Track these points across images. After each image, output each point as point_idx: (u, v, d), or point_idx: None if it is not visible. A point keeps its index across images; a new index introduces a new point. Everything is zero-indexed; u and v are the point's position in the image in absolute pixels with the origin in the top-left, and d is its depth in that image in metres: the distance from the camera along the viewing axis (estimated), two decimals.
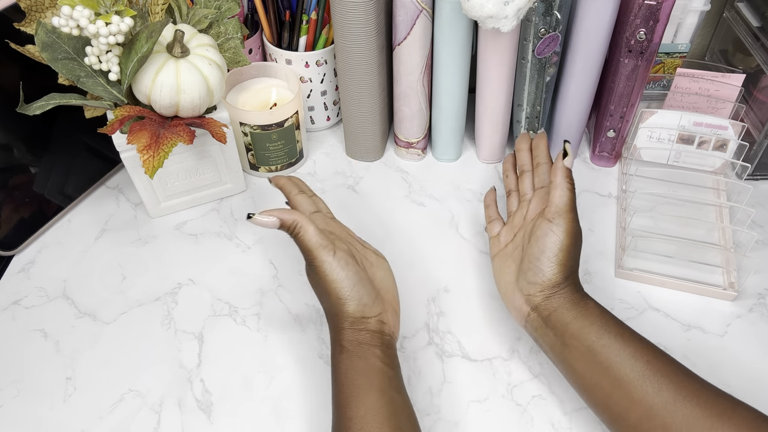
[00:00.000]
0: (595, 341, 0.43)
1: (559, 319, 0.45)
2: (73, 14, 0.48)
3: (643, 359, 0.41)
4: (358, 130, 0.69)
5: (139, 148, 0.51)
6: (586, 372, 0.43)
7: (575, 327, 0.44)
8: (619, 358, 0.42)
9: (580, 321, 0.45)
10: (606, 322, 0.44)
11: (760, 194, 0.66)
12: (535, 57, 0.60)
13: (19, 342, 0.54)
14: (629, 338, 0.43)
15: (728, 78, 0.66)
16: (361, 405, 0.41)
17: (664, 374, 0.41)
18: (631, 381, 0.41)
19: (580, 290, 0.47)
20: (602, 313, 0.45)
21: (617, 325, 0.44)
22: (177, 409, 0.50)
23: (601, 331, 0.44)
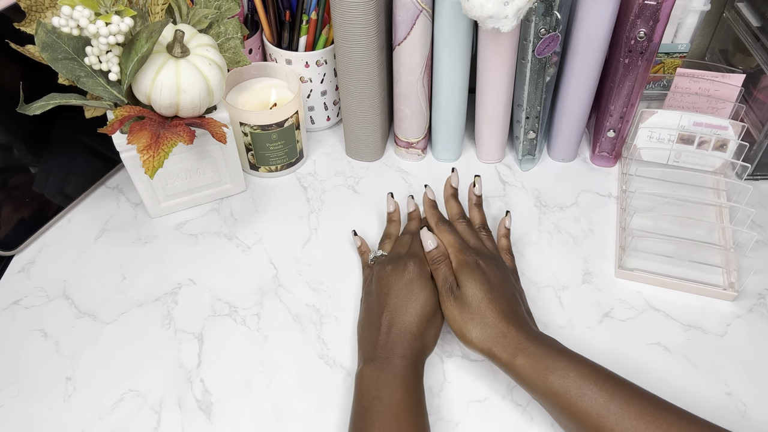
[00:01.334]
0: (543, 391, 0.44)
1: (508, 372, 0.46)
2: (73, 14, 0.48)
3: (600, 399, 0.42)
4: (358, 130, 0.69)
5: (139, 148, 0.51)
6: (552, 412, 0.45)
7: (521, 382, 0.45)
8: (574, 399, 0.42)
9: (521, 378, 0.45)
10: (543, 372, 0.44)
11: (760, 194, 0.66)
12: (535, 57, 0.60)
13: (19, 342, 0.54)
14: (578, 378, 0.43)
15: (728, 78, 0.66)
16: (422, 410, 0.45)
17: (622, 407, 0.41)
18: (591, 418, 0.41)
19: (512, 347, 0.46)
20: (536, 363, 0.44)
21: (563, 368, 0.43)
22: (177, 409, 0.50)
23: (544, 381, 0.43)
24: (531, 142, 0.68)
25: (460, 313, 0.48)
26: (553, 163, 0.71)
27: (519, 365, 0.45)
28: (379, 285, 0.51)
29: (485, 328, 0.47)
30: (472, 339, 0.47)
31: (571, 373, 0.43)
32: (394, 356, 0.46)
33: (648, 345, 0.53)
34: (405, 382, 0.45)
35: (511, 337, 0.46)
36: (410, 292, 0.49)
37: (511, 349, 0.45)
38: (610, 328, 0.55)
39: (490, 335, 0.46)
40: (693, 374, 0.51)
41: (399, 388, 0.44)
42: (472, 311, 0.47)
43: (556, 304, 0.57)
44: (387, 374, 0.45)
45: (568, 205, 0.66)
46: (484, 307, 0.47)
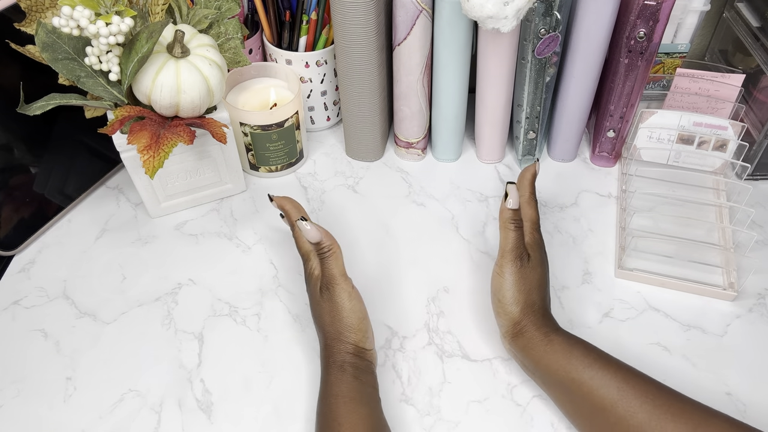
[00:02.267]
0: (565, 375, 0.45)
1: (529, 357, 0.48)
2: (73, 14, 0.48)
3: (613, 385, 0.43)
4: (358, 130, 0.69)
5: (139, 148, 0.51)
6: (566, 402, 0.46)
7: (544, 364, 0.47)
8: (590, 388, 0.44)
9: (547, 358, 0.46)
10: (572, 354, 0.46)
11: (760, 194, 0.66)
12: (535, 57, 0.60)
13: (19, 342, 0.54)
14: (597, 367, 0.44)
15: (728, 78, 0.66)
16: (354, 413, 0.44)
17: (636, 395, 0.42)
18: (605, 407, 0.43)
19: (545, 325, 0.48)
20: (569, 346, 0.46)
21: (584, 355, 0.45)
22: (177, 409, 0.50)
23: (569, 365, 0.45)
24: (531, 142, 0.68)
25: (520, 282, 0.49)
26: (553, 163, 0.71)
27: (547, 341, 0.47)
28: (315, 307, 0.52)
29: (531, 305, 0.49)
30: (514, 309, 0.48)
31: (593, 353, 0.45)
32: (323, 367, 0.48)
33: (648, 345, 0.53)
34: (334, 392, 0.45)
35: (548, 319, 0.49)
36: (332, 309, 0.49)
37: (545, 328, 0.48)
38: (610, 328, 0.55)
39: (532, 312, 0.48)
40: (693, 374, 0.51)
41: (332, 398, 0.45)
42: (530, 287, 0.49)
43: (556, 304, 0.57)
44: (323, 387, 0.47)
45: (568, 205, 0.66)
46: (538, 286, 0.49)
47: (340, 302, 0.48)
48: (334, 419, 0.43)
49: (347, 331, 0.47)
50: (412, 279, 0.59)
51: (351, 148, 0.72)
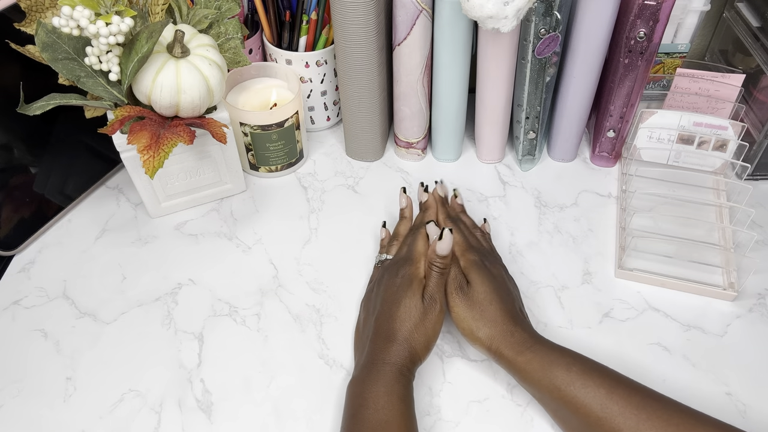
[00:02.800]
0: (549, 392, 0.45)
1: (514, 376, 0.47)
2: (73, 14, 0.48)
3: (597, 401, 0.42)
4: (358, 130, 0.69)
5: (139, 148, 0.51)
6: (555, 416, 0.46)
7: (527, 382, 0.46)
8: (576, 403, 0.43)
9: (528, 376, 0.46)
10: (551, 370, 0.45)
11: (760, 194, 0.66)
12: (535, 57, 0.60)
13: (19, 342, 0.54)
14: (580, 382, 0.43)
15: (728, 78, 0.66)
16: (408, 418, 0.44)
17: (621, 410, 0.42)
18: (591, 423, 0.42)
19: (517, 344, 0.47)
20: (547, 362, 0.45)
21: (566, 370, 0.44)
22: (177, 409, 0.50)
23: (551, 383, 0.44)
24: (531, 142, 0.68)
25: (469, 311, 0.49)
26: (553, 163, 0.71)
27: (524, 361, 0.46)
28: (377, 291, 0.52)
29: (494, 327, 0.48)
30: (480, 337, 0.48)
31: (573, 367, 0.44)
32: (378, 363, 0.46)
33: (648, 345, 0.53)
34: (388, 389, 0.45)
35: (518, 336, 0.47)
36: (396, 299, 0.49)
37: (518, 347, 0.46)
38: (610, 328, 0.55)
39: (498, 333, 0.47)
40: (693, 374, 0.51)
41: (383, 394, 0.44)
42: (483, 310, 0.48)
43: (556, 304, 0.57)
44: (372, 381, 0.45)
45: (568, 205, 0.66)
46: (494, 306, 0.48)
47: (439, 319, 0.48)
48: (390, 415, 0.43)
49: (425, 345, 0.48)
50: None
51: (351, 148, 0.72)
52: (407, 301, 0.49)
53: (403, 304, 0.48)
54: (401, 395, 0.44)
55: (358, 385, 0.46)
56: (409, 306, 0.48)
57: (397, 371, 0.46)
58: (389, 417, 0.43)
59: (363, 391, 0.45)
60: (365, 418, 0.43)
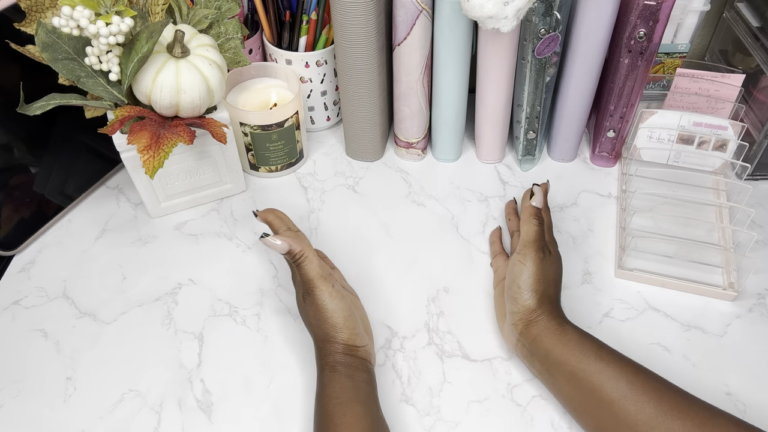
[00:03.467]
0: (576, 366, 0.45)
1: (541, 347, 0.48)
2: (73, 14, 0.48)
3: (623, 379, 0.43)
4: (358, 130, 0.69)
5: (139, 148, 0.51)
6: (573, 395, 0.46)
7: (556, 354, 0.47)
8: (600, 380, 0.44)
9: (560, 347, 0.47)
10: (584, 346, 0.46)
11: (760, 194, 0.66)
12: (535, 57, 0.60)
13: (19, 342, 0.54)
14: (608, 360, 0.45)
15: (728, 78, 0.66)
16: (348, 413, 0.44)
17: (644, 391, 0.43)
18: (613, 401, 0.43)
19: (558, 317, 0.49)
20: (581, 337, 0.47)
21: (596, 348, 0.46)
22: (177, 409, 0.50)
23: (581, 356, 0.45)
24: (531, 142, 0.68)
25: (540, 270, 0.50)
26: (553, 163, 0.71)
27: (567, 331, 0.47)
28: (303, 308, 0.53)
29: (547, 294, 0.50)
30: (535, 291, 0.49)
31: (605, 355, 0.45)
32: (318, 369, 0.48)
33: (648, 345, 0.53)
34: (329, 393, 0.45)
35: (561, 311, 0.50)
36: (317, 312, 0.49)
37: (560, 318, 0.49)
38: (610, 328, 0.55)
39: (549, 300, 0.50)
40: (693, 374, 0.51)
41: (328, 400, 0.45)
42: (548, 276, 0.50)
43: None
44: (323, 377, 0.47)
45: (568, 205, 0.66)
46: (555, 280, 0.51)
47: (321, 304, 0.48)
48: (330, 420, 0.43)
49: (334, 331, 0.48)
50: (412, 279, 0.59)
51: (351, 148, 0.72)
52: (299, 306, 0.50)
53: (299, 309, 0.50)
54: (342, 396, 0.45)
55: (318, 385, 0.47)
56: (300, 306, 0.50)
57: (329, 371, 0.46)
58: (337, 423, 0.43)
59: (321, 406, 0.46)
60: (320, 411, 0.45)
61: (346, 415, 0.43)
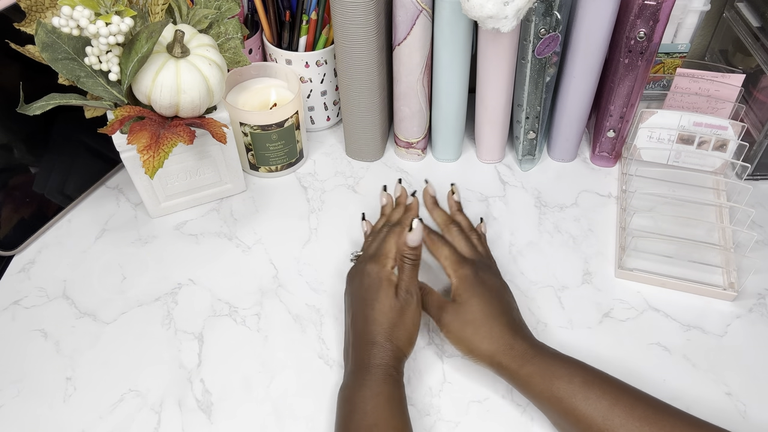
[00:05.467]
0: (552, 404, 0.44)
1: (515, 387, 0.47)
2: (73, 14, 0.48)
3: (599, 413, 0.42)
4: (358, 130, 0.69)
5: (139, 148, 0.51)
6: (560, 427, 0.45)
7: (530, 394, 0.46)
8: (578, 415, 0.42)
9: (529, 388, 0.45)
10: (552, 383, 0.44)
11: (760, 194, 0.66)
12: (535, 57, 0.60)
13: (19, 342, 0.54)
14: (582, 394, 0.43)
15: (728, 78, 0.66)
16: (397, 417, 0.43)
17: (626, 410, 0.41)
18: (595, 422, 0.42)
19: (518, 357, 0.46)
20: (548, 373, 0.45)
21: (568, 381, 0.44)
22: (177, 409, 0.50)
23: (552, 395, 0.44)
24: (531, 142, 0.68)
25: (463, 330, 0.48)
26: (553, 163, 0.71)
27: (526, 374, 0.45)
28: (347, 290, 0.52)
29: (492, 342, 0.47)
30: (480, 353, 0.47)
31: (576, 378, 0.44)
32: (363, 368, 0.46)
33: (648, 345, 0.53)
34: (375, 391, 0.44)
35: (518, 348, 0.46)
36: (367, 300, 0.48)
37: (519, 360, 0.46)
38: (610, 328, 0.55)
39: (498, 348, 0.47)
40: (693, 374, 0.51)
41: (369, 398, 0.44)
42: (477, 327, 0.48)
43: (556, 304, 0.57)
44: (358, 386, 0.45)
45: (568, 205, 0.66)
46: (491, 321, 0.47)
47: (417, 311, 0.48)
48: (377, 418, 0.42)
49: (408, 340, 0.47)
50: None
51: (351, 148, 0.72)
52: (381, 301, 0.48)
53: (377, 306, 0.48)
54: (389, 396, 0.44)
55: (346, 391, 0.46)
56: (383, 306, 0.48)
57: (383, 372, 0.45)
58: (377, 420, 0.43)
59: (351, 397, 0.45)
60: (354, 423, 0.43)
61: (395, 418, 0.43)
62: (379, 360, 0.46)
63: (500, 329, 0.47)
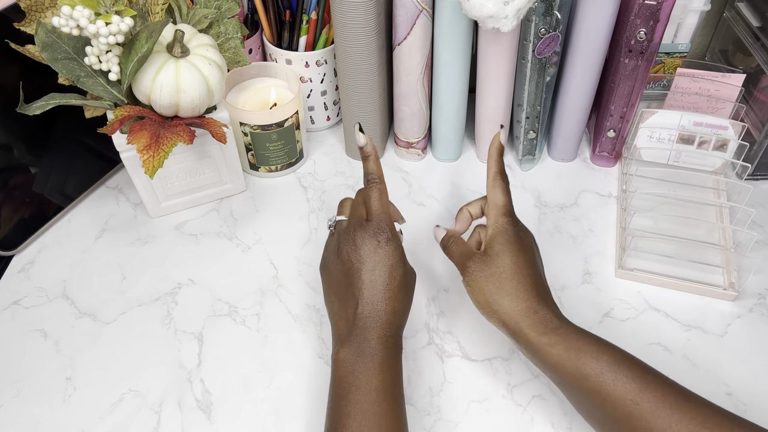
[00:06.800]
0: (576, 381, 0.41)
1: (533, 360, 0.44)
2: (73, 14, 0.48)
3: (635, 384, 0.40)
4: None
5: (139, 148, 0.51)
6: (583, 408, 0.43)
7: (550, 367, 0.42)
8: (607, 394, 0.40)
9: (551, 361, 0.42)
10: (579, 357, 0.41)
11: (760, 194, 0.66)
12: (535, 57, 0.60)
13: (19, 342, 0.54)
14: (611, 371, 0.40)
15: (728, 78, 0.66)
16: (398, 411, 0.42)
17: (657, 396, 0.39)
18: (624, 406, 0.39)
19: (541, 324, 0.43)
20: (574, 347, 0.42)
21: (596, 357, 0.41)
22: (177, 409, 0.50)
23: (577, 370, 0.41)
24: (531, 142, 0.68)
25: (489, 281, 0.44)
26: (553, 163, 0.71)
27: (548, 343, 0.42)
28: (347, 257, 0.45)
29: (516, 302, 0.43)
30: (500, 310, 0.44)
31: (605, 356, 0.41)
32: (371, 337, 0.43)
33: (648, 345, 0.53)
34: (383, 365, 0.42)
35: (543, 314, 0.43)
36: (384, 264, 0.44)
37: (542, 327, 0.42)
38: (610, 328, 0.55)
39: (520, 309, 0.43)
40: (693, 374, 0.51)
41: (377, 372, 0.41)
42: (503, 280, 0.44)
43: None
44: (364, 358, 0.42)
45: (568, 205, 0.66)
46: (518, 279, 0.44)
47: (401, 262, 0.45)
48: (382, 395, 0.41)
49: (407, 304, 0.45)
50: None
51: (351, 148, 0.72)
52: (398, 268, 0.45)
53: (394, 273, 0.44)
54: (393, 373, 0.42)
55: (348, 363, 0.42)
56: (400, 274, 0.45)
57: (391, 345, 0.43)
58: (380, 398, 0.41)
59: (354, 371, 0.42)
60: (355, 400, 0.41)
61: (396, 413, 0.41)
62: (390, 330, 0.43)
63: (526, 290, 0.44)
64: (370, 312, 0.43)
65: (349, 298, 0.45)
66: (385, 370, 0.42)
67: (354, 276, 0.45)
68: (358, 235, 0.46)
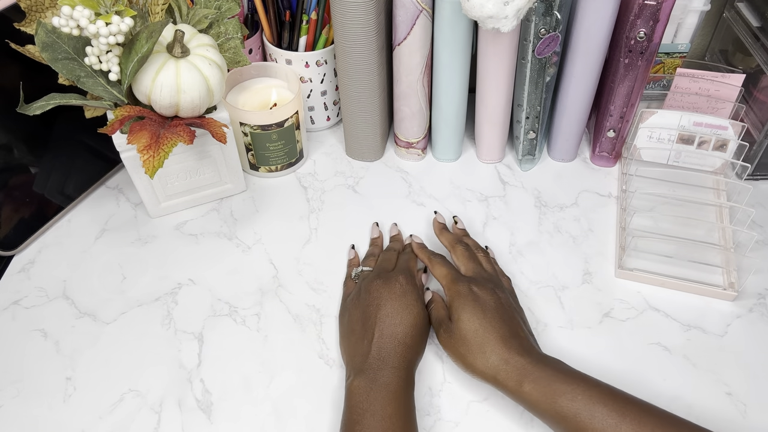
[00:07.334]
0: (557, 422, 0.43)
1: (515, 400, 0.46)
2: (73, 14, 0.48)
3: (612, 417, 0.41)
4: (358, 130, 0.69)
5: (139, 148, 0.51)
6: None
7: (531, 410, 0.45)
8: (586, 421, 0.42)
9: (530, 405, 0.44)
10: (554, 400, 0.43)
11: (760, 194, 0.66)
12: (535, 57, 0.60)
13: (19, 342, 0.54)
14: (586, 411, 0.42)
15: (728, 78, 0.66)
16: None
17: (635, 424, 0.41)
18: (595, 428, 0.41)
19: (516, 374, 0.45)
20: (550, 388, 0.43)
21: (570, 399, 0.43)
22: (177, 409, 0.50)
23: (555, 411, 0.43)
24: (531, 142, 0.68)
25: (458, 346, 0.48)
26: (553, 163, 0.71)
27: (526, 392, 0.44)
28: (369, 297, 0.51)
29: (486, 357, 0.46)
30: (475, 370, 0.47)
31: (579, 395, 0.43)
32: (386, 367, 0.46)
33: (648, 345, 0.53)
34: (396, 394, 0.45)
35: (514, 363, 0.45)
36: (403, 305, 0.50)
37: (516, 376, 0.45)
38: (610, 328, 0.55)
39: (492, 363, 0.46)
40: (693, 374, 0.51)
41: (390, 400, 0.44)
42: (469, 342, 0.47)
43: (556, 304, 0.57)
44: (378, 386, 0.45)
45: (568, 205, 0.66)
46: (481, 335, 0.47)
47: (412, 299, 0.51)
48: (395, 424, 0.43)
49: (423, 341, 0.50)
50: None
51: (351, 148, 0.72)
52: (414, 306, 0.50)
53: (411, 310, 0.50)
54: (406, 402, 0.45)
55: (363, 391, 0.45)
56: (416, 312, 0.50)
57: (404, 376, 0.46)
58: (393, 425, 0.43)
59: (368, 398, 0.44)
60: (369, 426, 0.43)
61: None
62: (404, 362, 0.47)
63: (493, 346, 0.46)
64: (386, 344, 0.48)
65: (366, 332, 0.49)
66: (398, 398, 0.45)
67: (372, 313, 0.50)
68: (382, 277, 0.52)
